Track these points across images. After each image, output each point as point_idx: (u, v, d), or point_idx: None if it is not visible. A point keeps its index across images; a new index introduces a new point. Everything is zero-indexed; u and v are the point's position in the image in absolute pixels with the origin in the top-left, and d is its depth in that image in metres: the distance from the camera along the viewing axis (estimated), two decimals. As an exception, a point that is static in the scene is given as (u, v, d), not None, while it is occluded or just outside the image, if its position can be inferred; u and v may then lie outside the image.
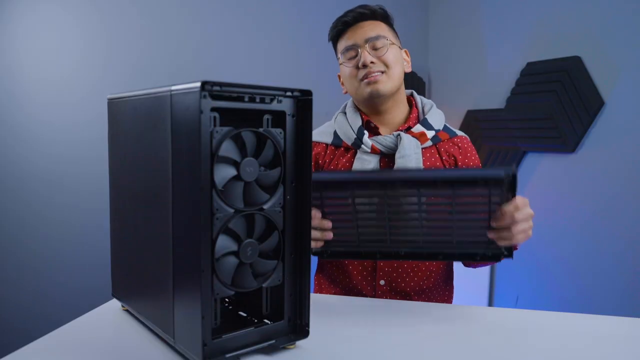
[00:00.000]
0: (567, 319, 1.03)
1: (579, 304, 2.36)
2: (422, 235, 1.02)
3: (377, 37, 1.25)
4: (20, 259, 2.18)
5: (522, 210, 0.96)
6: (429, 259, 1.09)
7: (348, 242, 1.07)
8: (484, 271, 2.69)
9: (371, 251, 1.08)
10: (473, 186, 0.93)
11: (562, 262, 2.40)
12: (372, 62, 1.24)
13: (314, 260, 1.38)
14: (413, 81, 2.93)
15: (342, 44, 1.29)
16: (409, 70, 1.34)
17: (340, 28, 1.29)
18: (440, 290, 1.34)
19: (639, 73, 2.10)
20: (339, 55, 1.32)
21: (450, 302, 1.38)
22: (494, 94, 2.75)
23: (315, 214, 1.02)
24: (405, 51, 1.34)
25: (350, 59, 1.27)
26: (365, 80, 1.25)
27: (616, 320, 1.03)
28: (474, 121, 2.85)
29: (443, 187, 0.93)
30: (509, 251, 1.03)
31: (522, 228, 0.98)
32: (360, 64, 1.25)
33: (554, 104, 2.39)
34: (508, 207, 0.95)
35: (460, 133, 1.35)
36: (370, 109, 1.31)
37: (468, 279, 2.63)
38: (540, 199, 2.55)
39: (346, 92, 1.35)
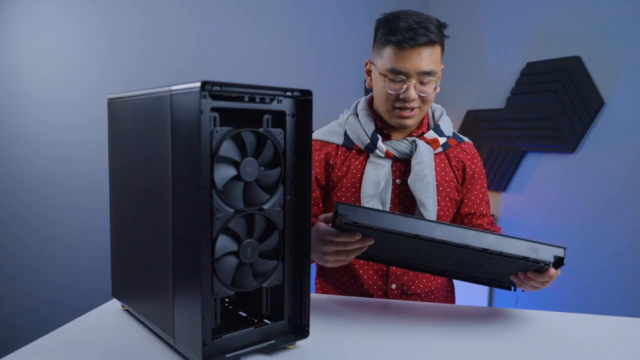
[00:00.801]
0: (567, 319, 1.03)
1: (579, 304, 2.36)
2: (449, 266, 1.04)
3: (429, 73, 1.17)
4: (20, 259, 2.18)
5: (552, 279, 0.98)
6: (449, 277, 1.13)
7: (377, 251, 1.07)
8: (484, 271, 2.69)
9: (396, 261, 1.11)
10: (520, 259, 0.90)
11: (562, 262, 2.40)
12: (411, 99, 1.19)
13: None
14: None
15: (391, 60, 1.18)
16: (438, 91, 1.25)
17: (396, 43, 1.16)
18: (444, 290, 1.34)
19: (639, 73, 2.10)
20: (381, 63, 1.21)
21: (454, 302, 1.38)
22: (494, 94, 2.75)
23: (354, 235, 0.97)
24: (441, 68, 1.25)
25: (394, 81, 1.19)
26: (398, 112, 1.21)
27: (616, 320, 1.03)
28: (474, 121, 2.85)
29: (491, 252, 0.89)
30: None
31: (543, 287, 1.01)
32: (401, 97, 1.19)
33: (554, 104, 2.39)
34: (542, 277, 0.96)
35: (466, 139, 1.36)
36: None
37: (468, 279, 2.62)
38: (540, 199, 2.55)
39: (370, 87, 1.29)
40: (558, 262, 0.91)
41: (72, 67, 2.21)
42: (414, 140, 1.24)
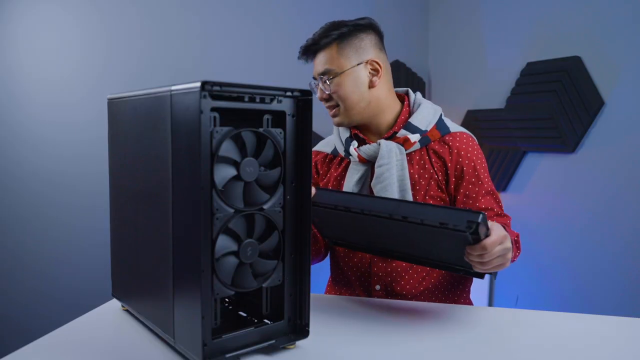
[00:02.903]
0: (567, 319, 1.03)
1: (579, 304, 2.36)
2: (413, 248, 1.07)
3: (324, 72, 1.25)
4: (20, 259, 2.18)
5: (489, 252, 0.91)
6: (420, 263, 1.13)
7: (352, 238, 1.15)
8: (484, 271, 2.69)
9: (369, 247, 1.16)
10: (437, 226, 0.89)
11: (562, 262, 2.40)
12: (325, 99, 1.27)
13: (324, 264, 1.39)
14: (413, 81, 2.93)
15: None
16: (375, 85, 1.24)
17: (303, 58, 1.31)
18: (438, 293, 1.30)
19: (639, 73, 2.10)
20: None
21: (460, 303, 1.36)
22: (494, 94, 2.75)
23: None
24: (373, 62, 1.24)
25: (317, 87, 1.30)
26: (330, 113, 1.29)
27: (616, 320, 1.03)
28: (474, 121, 2.85)
29: (412, 220, 0.91)
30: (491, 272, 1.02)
31: (491, 266, 0.95)
32: (318, 98, 1.27)
33: (554, 104, 2.39)
34: (475, 248, 0.91)
35: (456, 129, 1.28)
36: None
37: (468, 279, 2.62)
38: (540, 199, 2.55)
39: None
40: (475, 230, 0.86)
41: (72, 67, 2.21)
42: (379, 142, 1.23)
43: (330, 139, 1.39)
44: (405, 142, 1.23)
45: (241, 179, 0.74)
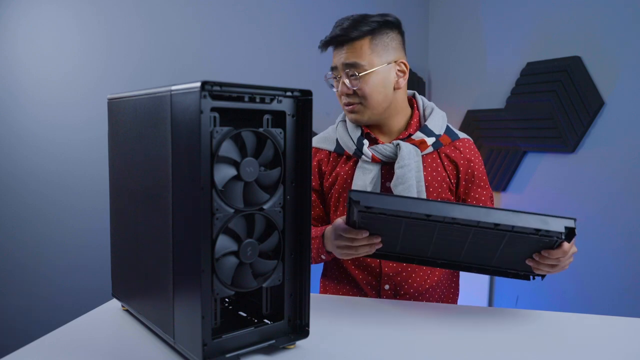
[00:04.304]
0: (567, 319, 1.03)
1: (578, 304, 2.36)
2: (463, 254, 1.05)
3: (352, 65, 1.19)
4: (20, 259, 2.18)
5: (568, 254, 0.98)
6: (463, 270, 1.12)
7: (390, 246, 1.08)
8: (484, 271, 2.69)
9: (410, 257, 1.11)
10: (531, 232, 0.92)
11: (562, 262, 2.39)
12: (347, 94, 1.22)
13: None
14: (413, 81, 2.93)
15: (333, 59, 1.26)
16: (400, 86, 1.25)
17: (325, 47, 1.26)
18: (441, 289, 1.34)
19: (639, 73, 2.10)
20: None
21: (456, 301, 1.38)
22: (494, 94, 2.75)
23: (361, 232, 1.02)
24: (401, 62, 1.24)
25: (334, 79, 1.26)
26: (346, 108, 1.26)
27: (616, 320, 1.03)
28: (474, 121, 2.85)
29: (503, 228, 0.92)
30: (541, 275, 1.07)
31: (559, 268, 1.02)
32: (339, 92, 1.24)
33: (554, 104, 2.39)
34: (556, 252, 0.97)
35: (462, 135, 1.33)
36: None
37: (468, 279, 2.63)
38: (540, 199, 2.55)
39: None
40: (570, 234, 0.92)
41: (72, 67, 2.21)
42: (398, 144, 1.23)
43: (329, 136, 1.35)
44: (420, 145, 1.25)
45: (241, 179, 0.74)
